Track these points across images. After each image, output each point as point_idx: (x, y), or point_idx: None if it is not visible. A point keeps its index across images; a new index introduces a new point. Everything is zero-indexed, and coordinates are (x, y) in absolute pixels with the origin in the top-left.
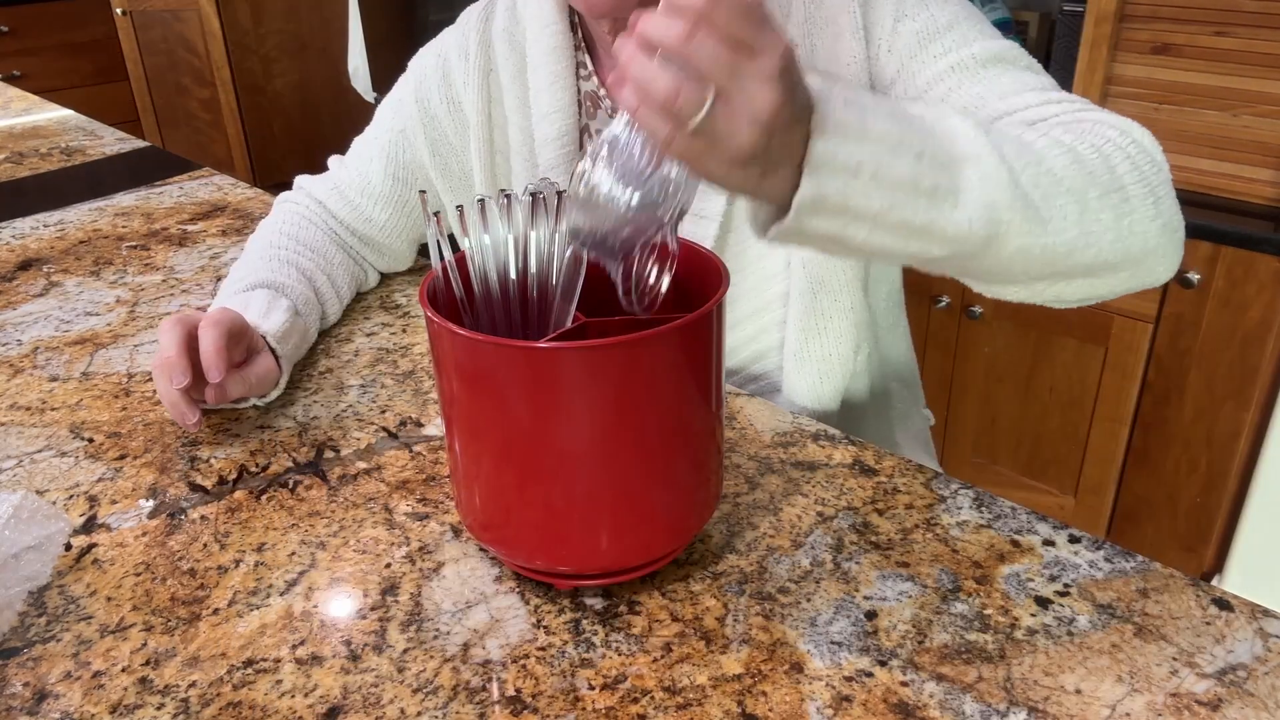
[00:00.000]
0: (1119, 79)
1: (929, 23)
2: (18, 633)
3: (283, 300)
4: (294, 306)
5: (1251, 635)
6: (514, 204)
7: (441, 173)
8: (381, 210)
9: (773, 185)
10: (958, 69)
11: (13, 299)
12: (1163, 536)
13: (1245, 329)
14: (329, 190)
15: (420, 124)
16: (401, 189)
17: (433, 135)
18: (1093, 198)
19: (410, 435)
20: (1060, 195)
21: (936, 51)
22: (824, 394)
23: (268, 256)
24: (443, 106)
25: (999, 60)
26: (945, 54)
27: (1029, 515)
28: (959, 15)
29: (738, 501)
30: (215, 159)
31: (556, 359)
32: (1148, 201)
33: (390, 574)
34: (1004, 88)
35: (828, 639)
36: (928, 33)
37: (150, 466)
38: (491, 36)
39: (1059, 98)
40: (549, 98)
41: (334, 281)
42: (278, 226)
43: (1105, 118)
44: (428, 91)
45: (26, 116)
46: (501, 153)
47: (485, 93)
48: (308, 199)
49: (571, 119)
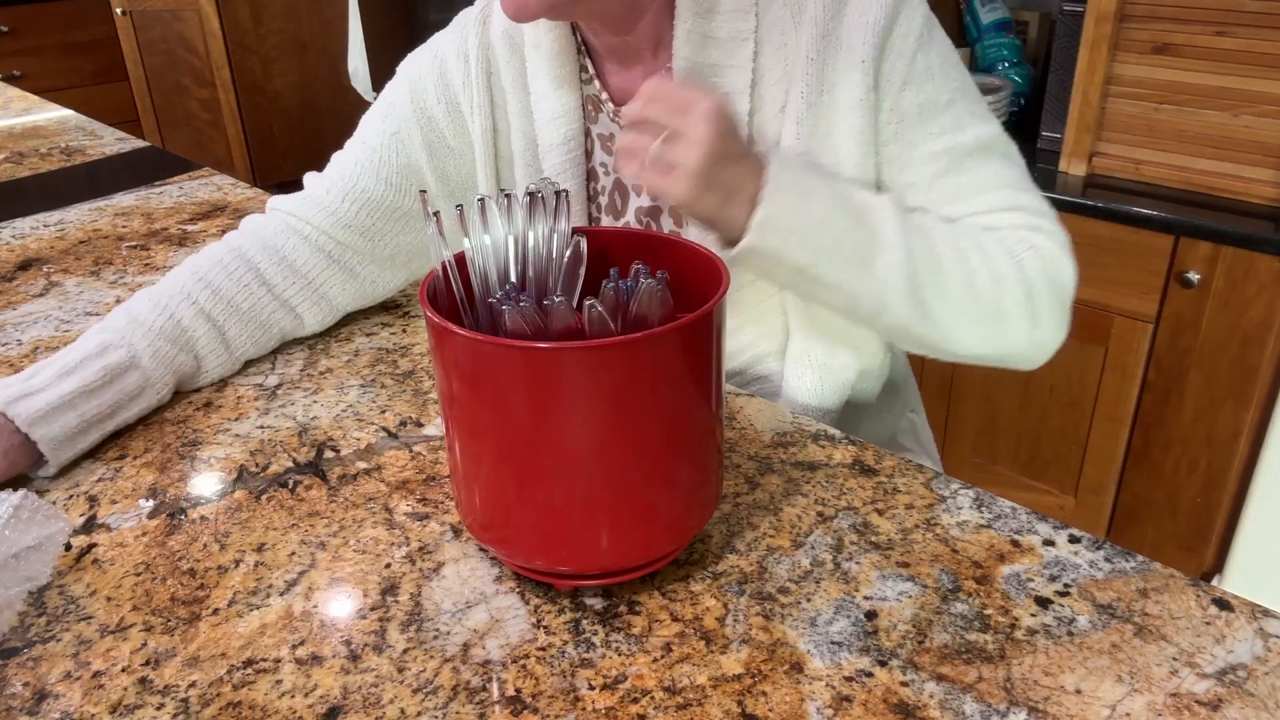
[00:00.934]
0: (1119, 79)
1: (932, 97)
2: (18, 633)
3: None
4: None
5: (1251, 635)
6: (514, 204)
7: (439, 176)
8: (369, 215)
9: (732, 214)
10: (950, 153)
11: (13, 299)
12: (1163, 536)
13: (1245, 329)
14: (301, 203)
15: (417, 126)
16: (395, 194)
17: (430, 137)
18: (968, 319)
19: (410, 435)
20: (941, 303)
21: (934, 130)
22: (825, 397)
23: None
24: (440, 108)
25: (985, 150)
26: (941, 135)
27: (1029, 515)
28: (958, 93)
29: (738, 501)
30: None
31: (556, 359)
32: (1024, 326)
33: (390, 574)
34: (982, 182)
35: (828, 639)
36: (929, 109)
37: (150, 466)
38: (491, 39)
39: (1021, 203)
40: (554, 102)
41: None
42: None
43: (1040, 243)
44: (423, 93)
45: (26, 116)
46: (505, 159)
47: (488, 96)
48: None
49: (577, 123)
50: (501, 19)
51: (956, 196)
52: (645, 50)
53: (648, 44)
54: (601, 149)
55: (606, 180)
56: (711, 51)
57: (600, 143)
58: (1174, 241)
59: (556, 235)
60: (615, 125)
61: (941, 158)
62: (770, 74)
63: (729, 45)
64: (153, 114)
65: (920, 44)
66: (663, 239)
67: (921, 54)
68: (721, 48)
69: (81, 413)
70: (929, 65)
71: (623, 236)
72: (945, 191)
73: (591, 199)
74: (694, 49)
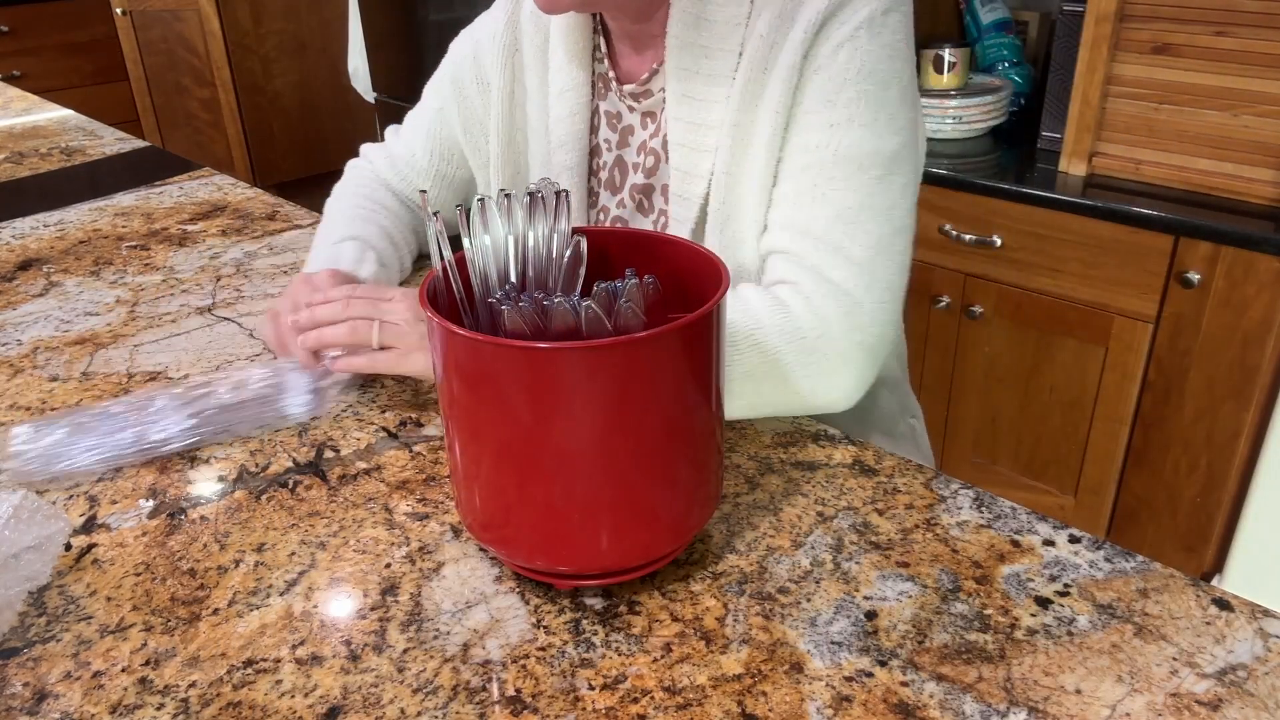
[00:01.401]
0: (1119, 79)
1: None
2: (18, 633)
3: (370, 252)
4: (379, 258)
5: (1251, 635)
6: (514, 204)
7: (472, 151)
8: (424, 182)
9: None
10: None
11: (13, 299)
12: (1163, 536)
13: (1245, 329)
14: (384, 160)
15: (455, 103)
16: (441, 164)
17: (465, 114)
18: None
19: (410, 435)
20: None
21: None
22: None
23: (349, 215)
24: (474, 86)
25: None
26: (820, 128)
27: (1029, 515)
28: (867, 95)
29: (738, 501)
30: (215, 159)
31: (556, 359)
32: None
33: (390, 574)
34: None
35: (828, 639)
36: (825, 99)
37: (150, 466)
38: (520, 17)
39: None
40: (565, 75)
41: (405, 237)
42: (352, 189)
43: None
44: (462, 71)
45: (26, 116)
46: (520, 129)
47: (510, 71)
48: (370, 166)
49: (584, 97)
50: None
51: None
52: (658, 37)
53: (661, 30)
54: (607, 125)
55: (608, 156)
56: (704, 33)
57: (606, 119)
58: (1174, 241)
59: (556, 235)
60: (622, 105)
61: (809, 151)
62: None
63: (722, 29)
64: (153, 114)
65: (852, 37)
66: (663, 239)
67: (848, 46)
68: (714, 30)
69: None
70: (849, 60)
71: (623, 236)
72: (787, 188)
73: (594, 173)
74: (686, 29)
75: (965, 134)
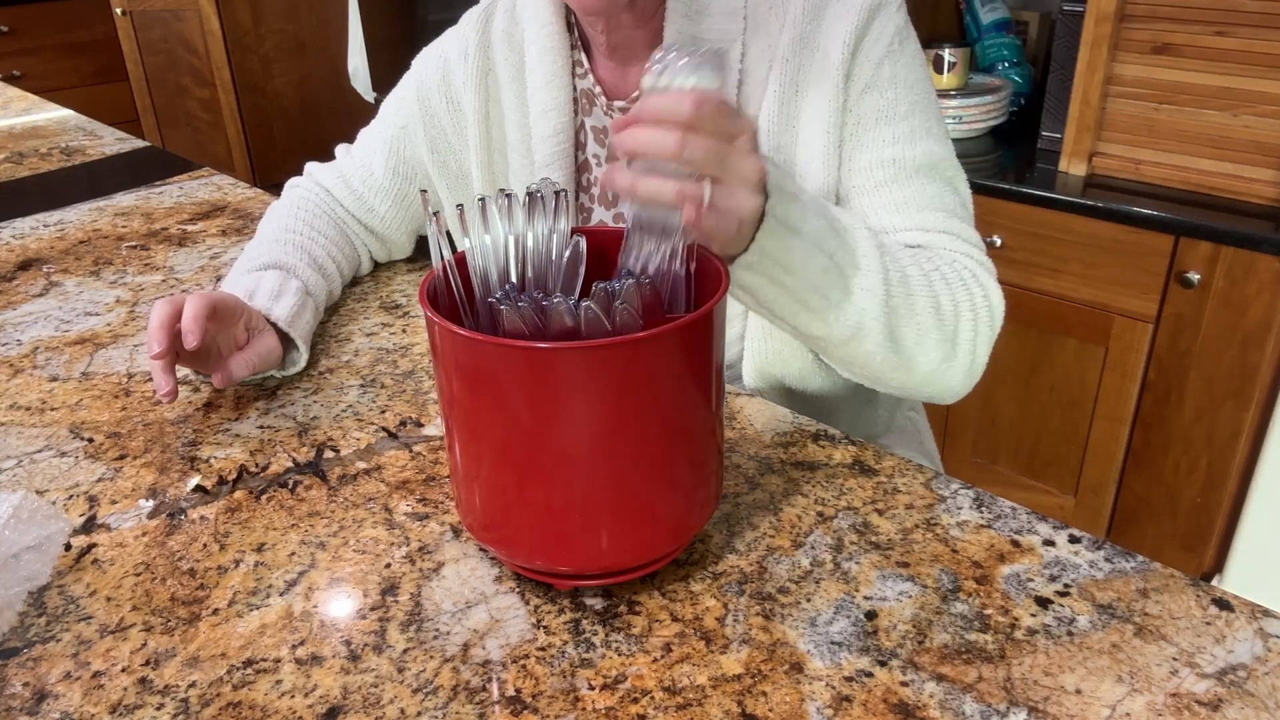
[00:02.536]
0: (1119, 79)
1: (891, 104)
2: (18, 633)
3: (293, 281)
4: (304, 287)
5: (1251, 635)
6: (514, 203)
7: (439, 170)
8: (382, 202)
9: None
10: (897, 163)
11: (13, 299)
12: (1163, 536)
13: (1245, 329)
14: (335, 178)
15: (421, 121)
16: (402, 183)
17: (432, 133)
18: (929, 344)
19: (410, 435)
20: (910, 325)
21: (886, 138)
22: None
23: (280, 239)
24: (442, 105)
25: (932, 169)
26: (893, 143)
27: (1029, 515)
28: (917, 105)
29: (738, 501)
30: (215, 159)
31: (556, 359)
32: (966, 359)
33: (390, 574)
34: (923, 199)
35: (828, 639)
36: (885, 116)
37: (150, 466)
38: (491, 38)
39: (956, 230)
40: (546, 95)
41: (338, 264)
42: (288, 210)
43: (978, 272)
44: (428, 90)
45: (26, 116)
46: (499, 150)
47: (483, 92)
48: (315, 185)
49: (567, 116)
50: (504, 16)
51: (896, 207)
52: (646, 49)
53: (653, 40)
54: (595, 141)
55: (599, 171)
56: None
57: (594, 135)
58: (1174, 241)
59: (556, 235)
60: (608, 119)
61: (889, 166)
62: (754, 75)
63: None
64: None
65: (889, 52)
66: None
67: (888, 62)
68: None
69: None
70: (894, 74)
71: (622, 237)
72: (885, 199)
73: (584, 189)
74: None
75: (965, 134)
